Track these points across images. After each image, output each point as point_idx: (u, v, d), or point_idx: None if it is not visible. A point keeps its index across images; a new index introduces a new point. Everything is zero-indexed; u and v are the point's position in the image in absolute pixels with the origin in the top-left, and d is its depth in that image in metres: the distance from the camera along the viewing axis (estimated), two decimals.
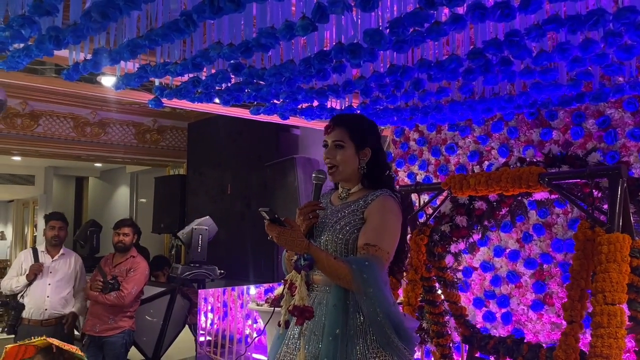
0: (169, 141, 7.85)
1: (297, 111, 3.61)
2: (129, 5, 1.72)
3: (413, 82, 2.65)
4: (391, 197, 1.98)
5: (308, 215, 1.98)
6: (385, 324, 1.78)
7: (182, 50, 2.67)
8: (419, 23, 1.88)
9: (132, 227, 4.60)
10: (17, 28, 1.90)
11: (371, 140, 2.10)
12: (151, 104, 3.15)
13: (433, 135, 4.42)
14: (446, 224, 3.20)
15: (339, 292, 1.86)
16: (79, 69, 2.67)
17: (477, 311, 4.02)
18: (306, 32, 1.91)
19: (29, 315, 4.35)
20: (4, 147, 6.77)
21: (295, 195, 5.38)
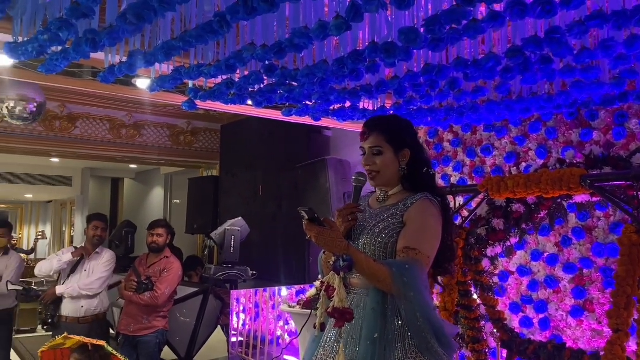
0: (202, 143, 7.93)
1: (329, 112, 3.59)
2: (163, 6, 1.72)
3: (449, 81, 2.59)
4: (430, 201, 1.94)
5: (347, 217, 1.95)
6: (425, 329, 1.74)
7: (216, 52, 2.67)
8: (456, 20, 1.83)
9: (166, 228, 4.65)
10: (55, 31, 1.93)
11: (408, 140, 2.06)
12: (185, 106, 3.17)
13: (468, 136, 4.34)
14: (482, 227, 3.13)
15: (377, 296, 1.83)
16: (115, 71, 2.70)
17: (513, 316, 3.91)
18: (340, 32, 1.89)
19: (67, 313, 4.44)
20: (43, 149, 6.95)
21: (326, 197, 5.35)
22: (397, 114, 2.22)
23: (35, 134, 6.57)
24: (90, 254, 4.50)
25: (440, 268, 2.03)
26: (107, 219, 4.86)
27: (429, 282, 1.99)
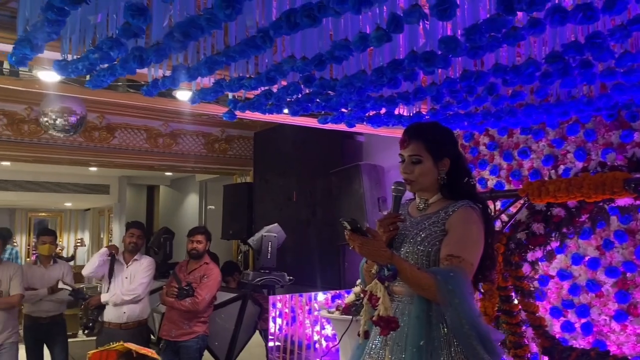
0: (236, 150, 8.05)
1: (364, 119, 3.62)
2: (210, 24, 1.78)
3: (487, 87, 2.59)
4: (472, 208, 1.95)
5: (388, 227, 1.97)
6: (472, 336, 1.75)
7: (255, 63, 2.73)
8: (497, 29, 1.84)
9: (205, 235, 4.75)
10: (107, 50, 2.01)
11: (449, 149, 2.06)
12: (225, 117, 3.24)
13: (504, 139, 4.31)
14: (522, 232, 3.11)
15: (422, 304, 1.85)
16: (158, 85, 2.79)
17: (554, 321, 3.86)
18: (381, 43, 1.92)
19: (110, 319, 4.57)
20: (82, 159, 7.16)
21: (360, 202, 5.37)
22: (438, 122, 2.23)
23: (76, 144, 6.77)
24: (118, 251, 4.66)
25: (480, 275, 2.04)
26: (143, 226, 4.99)
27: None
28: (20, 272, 4.60)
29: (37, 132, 6.45)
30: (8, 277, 4.48)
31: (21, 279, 4.56)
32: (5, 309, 4.43)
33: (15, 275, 4.52)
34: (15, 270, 4.57)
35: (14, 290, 4.46)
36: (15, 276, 4.51)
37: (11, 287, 4.46)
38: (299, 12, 1.80)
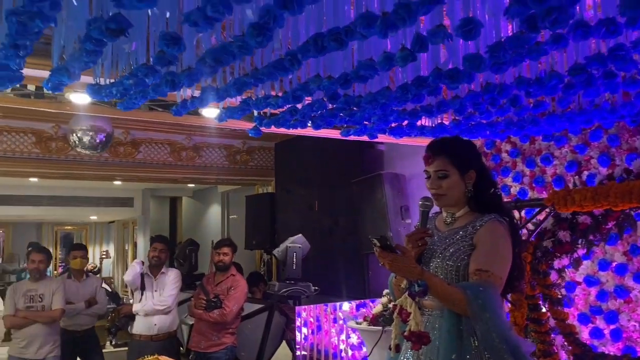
0: (257, 161, 8.14)
1: (386, 130, 3.67)
2: (242, 51, 1.85)
3: (510, 98, 2.63)
4: (499, 222, 1.98)
5: (417, 242, 2.01)
6: (502, 349, 1.78)
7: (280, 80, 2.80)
8: (520, 46, 1.88)
9: (231, 247, 4.83)
10: (142, 77, 2.09)
11: (473, 161, 2.10)
12: (251, 133, 3.31)
13: (526, 146, 4.32)
14: (548, 240, 3.12)
15: (452, 318, 1.88)
16: (187, 105, 2.87)
17: (582, 327, 3.85)
18: (406, 63, 1.97)
19: (140, 331, 4.66)
20: (108, 174, 7.30)
21: (383, 211, 5.41)
22: (459, 136, 2.27)
23: (102, 160, 6.92)
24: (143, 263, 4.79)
25: (509, 286, 2.06)
26: (166, 240, 5.09)
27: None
28: (62, 287, 4.71)
29: (64, 149, 6.61)
30: (51, 292, 4.59)
31: (63, 294, 4.67)
32: (48, 323, 4.53)
33: (58, 290, 4.63)
34: (58, 285, 4.67)
35: (55, 304, 4.57)
36: (58, 291, 4.62)
37: (53, 302, 4.56)
38: (327, 36, 1.86)
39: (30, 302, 4.53)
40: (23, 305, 4.51)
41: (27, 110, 5.45)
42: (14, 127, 6.43)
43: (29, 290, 4.58)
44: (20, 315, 4.48)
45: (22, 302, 4.51)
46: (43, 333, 4.50)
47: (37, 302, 4.54)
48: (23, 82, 3.21)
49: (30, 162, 6.58)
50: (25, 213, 10.79)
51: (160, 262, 4.83)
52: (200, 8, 1.54)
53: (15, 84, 2.27)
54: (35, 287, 4.59)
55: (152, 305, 4.61)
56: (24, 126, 6.47)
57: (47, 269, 4.83)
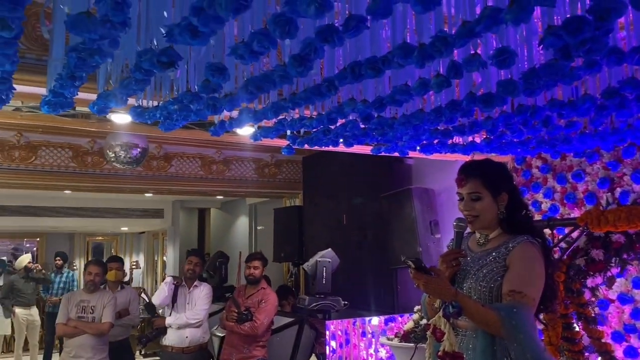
0: (285, 174, 8.25)
1: (417, 148, 3.71)
2: (283, 80, 1.94)
3: (543, 120, 2.65)
4: (532, 243, 2.02)
5: (451, 262, 2.06)
6: None
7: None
8: (554, 73, 1.92)
9: (262, 261, 4.91)
10: (187, 103, 2.19)
11: (505, 184, 2.15)
12: (284, 152, 3.39)
13: (557, 162, 4.31)
14: (581, 258, 3.12)
15: (486, 338, 1.92)
16: (225, 126, 2.97)
17: (616, 345, 3.81)
18: (441, 89, 2.03)
19: (172, 343, 4.76)
20: (142, 187, 7.50)
21: (412, 226, 5.43)
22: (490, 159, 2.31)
23: (135, 173, 7.10)
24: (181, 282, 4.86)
25: (542, 306, 2.08)
26: (201, 254, 5.21)
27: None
28: (113, 301, 4.81)
29: (99, 163, 6.82)
30: (102, 305, 4.71)
31: (113, 308, 4.78)
32: (96, 335, 4.65)
33: (109, 304, 4.74)
34: (109, 299, 4.78)
35: (105, 318, 4.68)
36: (109, 305, 4.73)
37: (103, 315, 4.68)
38: (364, 64, 1.94)
39: (82, 313, 4.67)
40: (75, 315, 4.65)
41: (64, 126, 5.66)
42: (52, 142, 6.66)
43: (82, 300, 4.71)
44: (71, 325, 4.62)
45: (74, 312, 4.65)
46: (92, 344, 4.61)
47: (89, 313, 4.67)
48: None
49: (66, 175, 6.80)
50: (58, 224, 11.08)
51: (194, 276, 4.94)
52: (246, 43, 1.62)
53: (65, 110, 2.40)
54: (88, 299, 4.72)
55: (185, 319, 4.71)
56: (62, 141, 6.70)
57: (101, 282, 4.95)
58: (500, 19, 1.47)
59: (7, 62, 1.58)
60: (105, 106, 2.56)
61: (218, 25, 1.44)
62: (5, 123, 5.77)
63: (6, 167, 6.43)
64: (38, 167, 6.62)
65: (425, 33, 1.77)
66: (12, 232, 12.63)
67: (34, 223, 10.73)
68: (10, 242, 13.63)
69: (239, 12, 1.34)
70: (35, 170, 6.61)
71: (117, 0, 1.31)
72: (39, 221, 10.68)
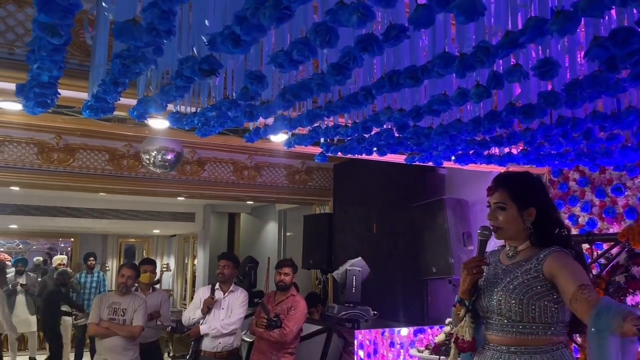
0: (315, 181, 8.26)
1: (452, 158, 3.67)
2: (321, 88, 1.94)
3: (583, 132, 2.59)
4: (563, 252, 1.97)
5: (472, 270, 2.03)
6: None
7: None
8: (599, 84, 1.88)
9: (292, 267, 4.90)
10: (225, 110, 2.21)
11: (535, 199, 2.09)
12: (318, 159, 3.40)
13: (596, 175, 4.21)
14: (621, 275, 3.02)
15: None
16: (260, 133, 3.00)
17: None
18: (480, 100, 2.00)
19: (205, 347, 4.78)
20: (175, 191, 7.61)
21: (445, 237, 5.36)
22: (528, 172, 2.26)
23: (169, 177, 7.21)
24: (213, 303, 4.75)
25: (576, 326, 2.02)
26: (231, 256, 5.11)
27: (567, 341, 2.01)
28: (144, 305, 4.88)
29: (135, 166, 6.95)
30: (133, 308, 4.78)
31: (144, 312, 4.85)
32: (127, 338, 4.71)
33: (140, 307, 4.81)
34: (141, 303, 4.85)
35: (136, 321, 4.74)
36: (140, 308, 4.80)
37: (134, 318, 4.75)
38: (403, 73, 1.93)
39: (113, 315, 4.74)
40: (106, 316, 4.72)
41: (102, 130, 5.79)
42: (90, 145, 6.83)
43: (113, 302, 4.79)
44: (103, 326, 4.70)
45: (106, 313, 4.74)
46: (122, 346, 4.69)
47: (120, 315, 4.74)
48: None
49: (102, 178, 6.95)
50: (92, 225, 11.34)
51: (224, 279, 4.89)
52: (286, 52, 1.63)
53: (106, 115, 2.45)
54: (120, 301, 4.79)
55: (220, 329, 4.68)
56: (99, 144, 6.86)
57: (134, 285, 5.02)
58: (545, 29, 1.45)
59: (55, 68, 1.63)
60: (145, 112, 2.61)
61: (260, 34, 1.45)
62: (45, 125, 5.93)
63: (45, 168, 6.61)
64: (75, 169, 6.79)
65: (466, 43, 1.75)
66: (47, 231, 12.98)
67: (68, 224, 11.01)
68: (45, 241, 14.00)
69: (282, 21, 1.35)
70: (73, 172, 6.77)
71: (163, 9, 1.33)
72: (74, 222, 10.95)
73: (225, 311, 4.77)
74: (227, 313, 4.76)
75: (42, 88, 1.85)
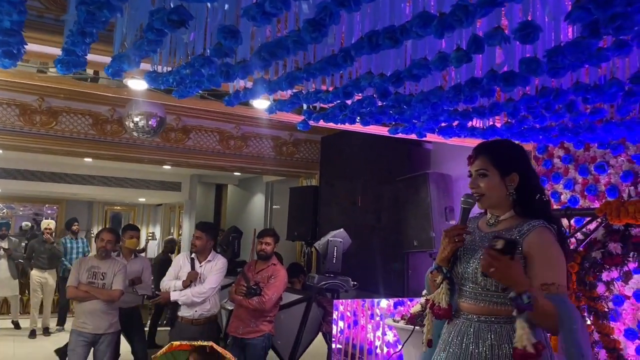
0: (303, 153, 8.21)
1: (435, 130, 3.63)
2: (297, 46, 1.88)
3: (566, 104, 2.56)
4: (547, 229, 1.94)
5: (454, 238, 2.00)
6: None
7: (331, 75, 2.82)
8: (580, 51, 1.83)
9: (274, 237, 4.88)
10: (198, 67, 2.15)
11: (518, 164, 2.05)
12: (300, 126, 3.35)
13: (580, 152, 4.19)
14: (598, 251, 3.03)
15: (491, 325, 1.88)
16: (239, 96, 2.93)
17: (628, 342, 3.72)
18: (460, 64, 1.95)
19: (182, 314, 4.77)
20: (159, 158, 7.53)
21: (427, 211, 5.36)
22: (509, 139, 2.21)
23: (154, 144, 7.13)
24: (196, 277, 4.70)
25: None
26: (206, 227, 4.96)
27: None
28: (124, 270, 4.85)
29: (118, 132, 6.86)
30: (113, 272, 4.76)
31: (124, 277, 4.83)
32: (106, 302, 4.70)
33: (120, 272, 4.79)
34: (120, 268, 4.82)
35: (116, 285, 4.73)
36: (120, 273, 4.78)
37: (114, 282, 4.73)
38: (382, 34, 1.87)
39: (92, 278, 4.71)
40: (86, 280, 4.70)
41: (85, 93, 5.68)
42: (73, 108, 6.71)
43: (93, 266, 4.76)
44: (82, 289, 4.68)
45: (85, 277, 4.71)
46: (101, 309, 4.67)
47: (99, 279, 4.72)
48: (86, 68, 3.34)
49: (86, 142, 6.86)
50: (78, 191, 11.24)
51: (196, 250, 4.81)
52: (258, 3, 1.57)
53: (79, 69, 2.37)
54: (99, 265, 4.76)
55: (190, 296, 4.65)
56: (82, 108, 6.74)
57: (113, 250, 4.97)
58: None
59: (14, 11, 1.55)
60: (120, 69, 2.53)
61: None
62: (27, 86, 5.80)
63: (27, 130, 6.51)
64: (58, 133, 6.69)
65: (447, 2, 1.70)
66: (32, 196, 12.86)
67: (54, 189, 10.90)
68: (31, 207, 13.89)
69: None
70: (56, 135, 6.67)
71: None
72: (59, 187, 10.84)
73: (199, 280, 4.74)
74: (202, 281, 4.73)
75: (5, 35, 1.77)
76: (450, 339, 2.04)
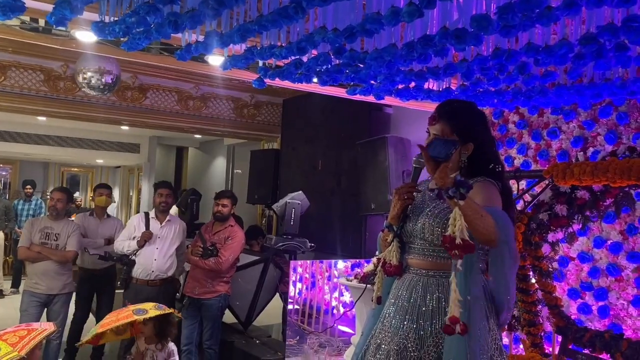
0: (264, 116, 8.12)
1: (392, 92, 3.62)
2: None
3: (518, 66, 2.57)
4: (490, 182, 1.97)
5: (403, 195, 2.00)
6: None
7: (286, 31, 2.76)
8: (530, 9, 1.83)
9: (231, 199, 4.84)
10: (143, 15, 2.06)
11: (476, 134, 2.05)
12: (255, 84, 3.28)
13: (534, 118, 4.26)
14: (545, 212, 3.11)
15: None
16: (191, 50, 2.84)
17: (571, 302, 3.89)
18: (412, 19, 1.93)
19: (137, 275, 4.71)
20: (115, 118, 7.31)
21: (385, 174, 5.40)
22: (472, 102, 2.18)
23: (109, 103, 6.92)
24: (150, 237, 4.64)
25: None
26: (171, 185, 5.03)
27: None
28: (78, 231, 4.76)
29: (72, 89, 6.61)
30: (67, 233, 4.65)
31: (78, 238, 4.73)
32: (60, 263, 4.60)
33: (74, 232, 4.69)
34: (75, 229, 4.73)
35: (70, 246, 4.64)
36: (74, 234, 4.68)
37: (68, 243, 4.64)
38: None
39: (45, 239, 4.60)
40: (38, 240, 4.58)
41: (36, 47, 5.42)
42: (23, 63, 6.42)
43: (45, 227, 4.64)
44: (35, 250, 4.56)
45: (37, 238, 4.59)
46: (55, 270, 4.58)
47: (52, 240, 4.61)
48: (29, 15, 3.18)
49: (37, 99, 6.60)
50: (32, 151, 10.87)
51: (167, 208, 4.81)
52: None
53: (17, 14, 2.25)
54: (52, 225, 4.65)
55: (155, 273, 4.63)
56: (33, 63, 6.46)
57: (65, 209, 4.83)
58: None
59: None
60: (63, 16, 2.41)
61: None
62: None
63: None
64: (7, 88, 6.41)
65: None
66: None
67: (6, 149, 10.52)
68: None
69: None
70: (5, 91, 6.39)
71: None
72: (13, 147, 10.46)
73: (161, 241, 4.68)
74: (162, 243, 4.68)
75: None
76: (399, 293, 2.08)
